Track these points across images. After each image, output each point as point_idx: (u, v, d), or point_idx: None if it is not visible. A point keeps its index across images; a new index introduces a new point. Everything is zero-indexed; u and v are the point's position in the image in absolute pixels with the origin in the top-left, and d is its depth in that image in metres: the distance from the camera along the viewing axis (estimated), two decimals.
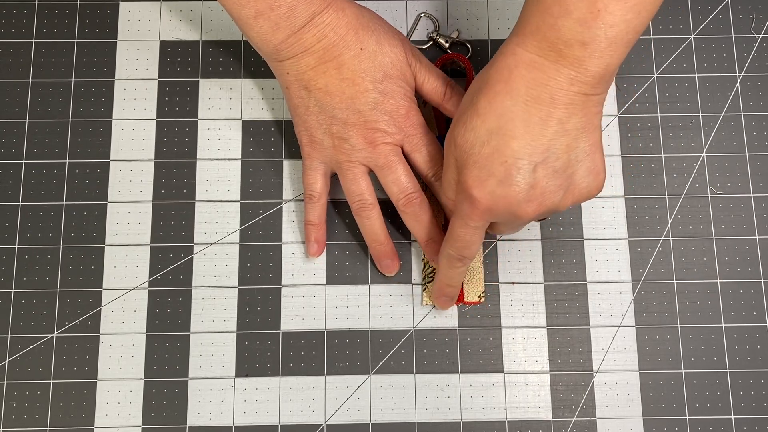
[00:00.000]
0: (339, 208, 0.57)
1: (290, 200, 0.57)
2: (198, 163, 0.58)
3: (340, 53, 0.50)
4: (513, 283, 0.56)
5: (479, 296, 0.55)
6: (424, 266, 0.56)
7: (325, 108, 0.51)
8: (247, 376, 0.54)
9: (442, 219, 0.56)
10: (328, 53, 0.50)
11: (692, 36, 0.60)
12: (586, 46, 0.43)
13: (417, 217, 0.53)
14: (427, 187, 0.55)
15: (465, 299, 0.55)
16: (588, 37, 0.43)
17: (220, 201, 0.57)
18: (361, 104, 0.50)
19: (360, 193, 0.53)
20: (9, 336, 0.55)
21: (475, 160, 0.45)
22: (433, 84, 0.54)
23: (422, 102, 0.58)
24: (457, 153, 0.46)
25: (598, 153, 0.46)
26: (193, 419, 0.54)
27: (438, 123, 0.57)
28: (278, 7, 0.49)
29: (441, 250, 0.51)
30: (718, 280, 0.56)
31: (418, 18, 0.60)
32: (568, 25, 0.43)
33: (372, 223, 0.54)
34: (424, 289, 0.55)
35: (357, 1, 0.54)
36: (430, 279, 0.55)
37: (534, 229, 0.57)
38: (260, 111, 0.59)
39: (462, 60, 0.57)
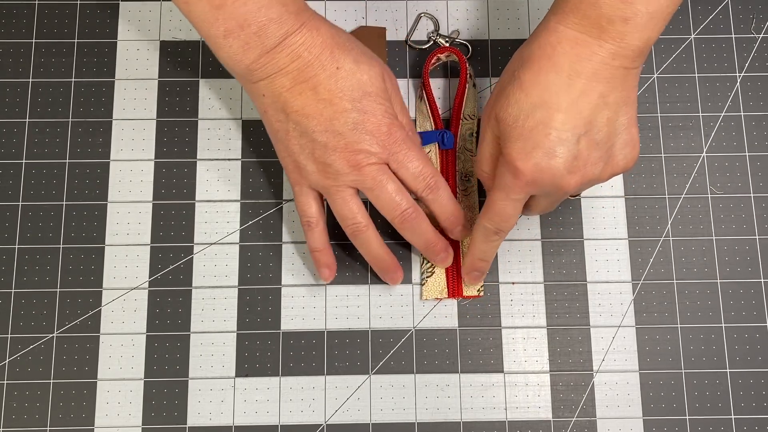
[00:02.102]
0: None
1: (290, 200, 0.57)
2: (198, 163, 0.58)
3: (315, 73, 0.48)
4: (513, 283, 0.56)
5: (478, 290, 0.55)
6: (423, 262, 0.56)
7: (305, 132, 0.49)
8: (247, 376, 0.54)
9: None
10: (303, 74, 0.48)
11: (692, 36, 0.60)
12: (627, 21, 0.44)
13: (414, 231, 0.52)
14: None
15: (464, 293, 0.55)
16: (629, 13, 0.44)
17: (220, 201, 0.57)
18: (341, 125, 0.49)
19: (352, 216, 0.51)
20: (9, 336, 0.55)
21: (520, 133, 0.46)
22: (400, 119, 0.52)
23: (418, 96, 0.58)
24: (500, 127, 0.47)
25: (635, 126, 0.48)
26: (193, 419, 0.54)
27: (435, 119, 0.57)
28: (248, 26, 0.47)
29: (477, 223, 0.51)
30: (718, 280, 0.56)
31: (419, 18, 0.60)
32: (609, 2, 0.44)
33: (369, 244, 0.52)
34: (423, 284, 0.55)
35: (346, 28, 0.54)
36: (429, 274, 0.55)
37: (534, 228, 0.57)
38: None
39: (456, 53, 0.57)
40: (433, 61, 0.58)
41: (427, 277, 0.55)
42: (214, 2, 0.46)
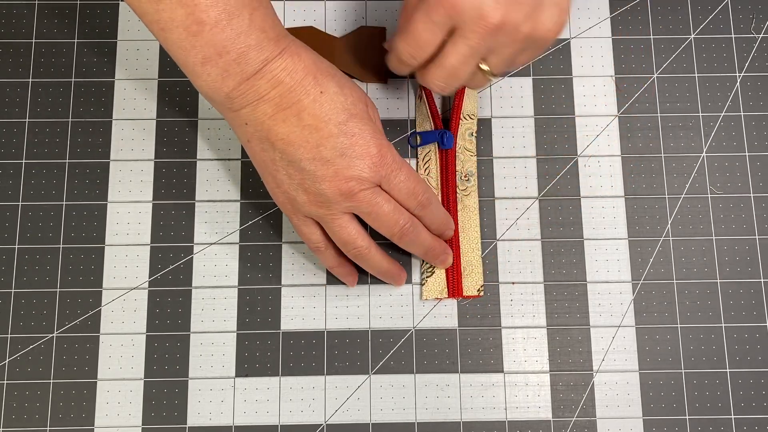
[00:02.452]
0: None
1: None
2: (198, 163, 0.58)
3: (298, 99, 0.47)
4: (513, 283, 0.56)
5: (478, 290, 0.55)
6: (423, 262, 0.56)
7: (292, 161, 0.47)
8: (247, 376, 0.54)
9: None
10: (286, 99, 0.47)
11: (692, 36, 0.60)
12: None
13: (414, 242, 0.51)
14: None
15: (464, 293, 0.55)
16: None
17: (220, 201, 0.57)
18: (329, 152, 0.47)
19: (352, 241, 0.50)
20: (9, 336, 0.55)
21: None
22: None
23: (418, 96, 0.58)
24: None
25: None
26: (193, 419, 0.54)
27: (434, 119, 0.57)
28: (227, 53, 0.45)
29: (393, 45, 0.50)
30: (718, 280, 0.56)
31: None
32: None
33: (374, 263, 0.52)
34: (423, 284, 0.55)
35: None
36: (429, 274, 0.55)
37: (534, 229, 0.57)
38: None
39: None
40: None
41: (427, 277, 0.55)
42: (190, 29, 0.45)
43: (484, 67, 0.49)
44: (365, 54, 0.59)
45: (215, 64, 0.45)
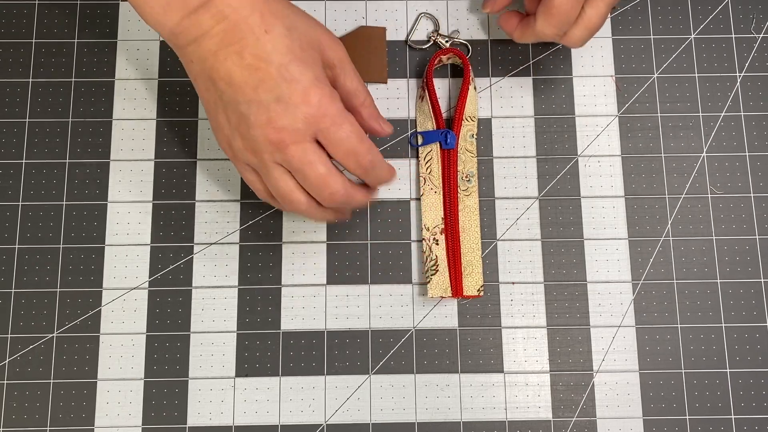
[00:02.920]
0: None
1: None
2: (198, 163, 0.58)
3: (242, 36, 0.44)
4: (513, 283, 0.56)
5: (478, 290, 0.55)
6: (426, 259, 0.56)
7: (230, 102, 0.45)
8: (247, 376, 0.54)
9: (442, 214, 0.56)
10: (229, 36, 0.44)
11: (692, 36, 0.60)
12: None
13: (342, 207, 0.50)
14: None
15: (464, 293, 0.55)
16: None
17: (220, 201, 0.57)
18: (265, 95, 0.44)
19: (287, 194, 0.48)
20: (9, 336, 0.55)
21: None
22: (351, 85, 0.50)
23: (419, 95, 0.58)
24: None
25: None
26: (193, 419, 0.54)
27: (437, 119, 0.57)
28: None
29: (541, 29, 0.52)
30: (718, 280, 0.56)
31: (419, 18, 0.60)
32: None
33: (313, 215, 0.49)
34: (428, 282, 0.55)
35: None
36: (433, 272, 0.55)
37: (534, 228, 0.57)
38: None
39: (459, 55, 0.57)
40: (435, 62, 0.58)
41: (431, 275, 0.55)
42: None
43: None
44: (365, 53, 0.59)
45: None
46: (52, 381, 0.54)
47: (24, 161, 0.57)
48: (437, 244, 0.56)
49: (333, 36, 0.49)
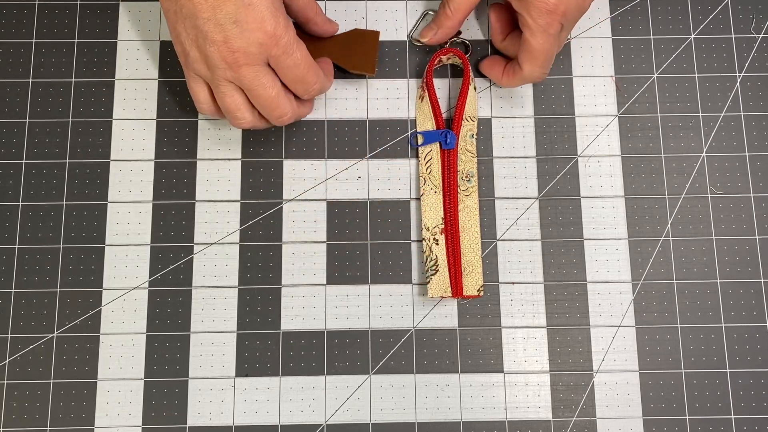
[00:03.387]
0: (339, 208, 0.57)
1: (290, 200, 0.57)
2: (198, 163, 0.58)
3: None
4: (513, 283, 0.56)
5: (478, 290, 0.55)
6: (426, 259, 0.56)
7: (189, 16, 0.48)
8: (247, 376, 0.54)
9: (442, 214, 0.56)
10: None
11: (692, 36, 0.60)
12: None
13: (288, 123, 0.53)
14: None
15: (464, 293, 0.55)
16: None
17: (220, 201, 0.57)
18: (222, 15, 0.47)
19: (235, 109, 0.51)
20: (9, 336, 0.55)
21: None
22: (301, 4, 0.53)
23: (419, 96, 0.58)
24: None
25: None
26: (193, 419, 0.54)
27: (437, 119, 0.57)
28: None
29: (529, 73, 0.54)
30: (718, 280, 0.56)
31: (424, 14, 0.60)
32: None
33: (256, 128, 0.54)
34: (428, 282, 0.55)
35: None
36: (433, 272, 0.55)
37: (534, 228, 0.57)
38: None
39: (459, 55, 0.57)
40: (435, 62, 0.58)
41: (431, 275, 0.55)
42: None
43: None
44: (356, 48, 0.58)
45: None
46: (52, 381, 0.54)
47: (24, 161, 0.57)
48: (437, 244, 0.56)
49: None
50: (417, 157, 0.58)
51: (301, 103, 0.54)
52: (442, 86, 0.59)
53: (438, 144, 0.57)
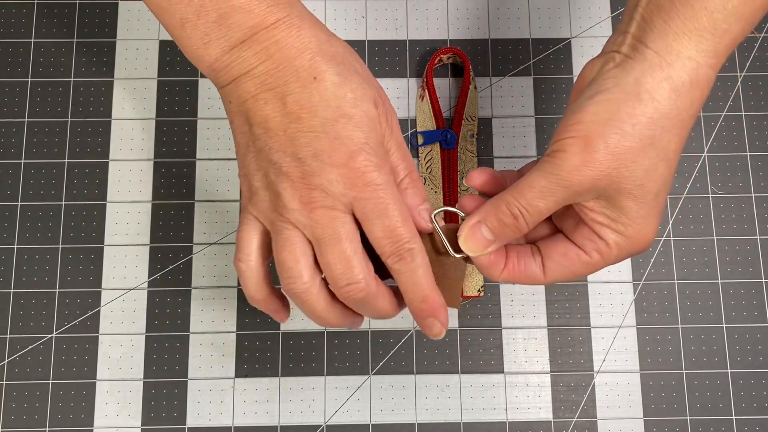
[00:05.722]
0: None
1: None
2: (198, 163, 0.58)
3: (286, 80, 0.39)
4: (513, 283, 0.56)
5: (478, 290, 0.55)
6: None
7: (262, 149, 0.40)
8: (246, 376, 0.54)
9: (442, 214, 0.56)
10: (272, 79, 0.39)
11: None
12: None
13: (363, 308, 0.41)
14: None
15: (464, 293, 0.55)
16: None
17: (220, 201, 0.57)
18: (302, 148, 0.38)
19: (292, 267, 0.40)
20: (8, 336, 0.55)
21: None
22: (394, 159, 0.42)
23: (419, 95, 0.58)
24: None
25: None
26: (192, 420, 0.54)
27: (437, 119, 0.57)
28: (206, 12, 0.39)
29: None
30: (719, 280, 0.56)
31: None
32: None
33: (312, 307, 0.41)
34: None
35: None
36: None
37: None
38: None
39: (459, 54, 0.57)
40: (435, 62, 0.58)
41: None
42: None
43: None
44: (443, 279, 0.43)
45: (194, 27, 0.39)
46: (51, 381, 0.54)
47: (23, 161, 0.57)
48: None
49: (386, 96, 0.43)
50: (417, 156, 0.58)
51: (384, 289, 0.41)
52: (442, 86, 0.59)
53: (438, 144, 0.57)
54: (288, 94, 0.39)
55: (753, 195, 0.57)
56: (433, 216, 0.41)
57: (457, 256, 0.41)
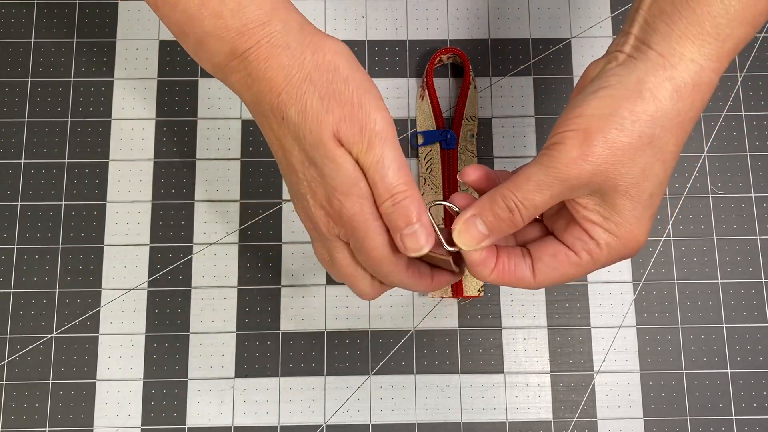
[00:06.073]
0: None
1: (290, 200, 0.57)
2: (198, 163, 0.58)
3: (266, 115, 0.40)
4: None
5: (478, 290, 0.55)
6: None
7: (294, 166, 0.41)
8: (246, 376, 0.54)
9: (442, 214, 0.55)
10: (255, 110, 0.40)
11: None
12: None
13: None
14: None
15: (464, 293, 0.55)
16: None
17: (220, 201, 0.57)
18: (292, 186, 0.41)
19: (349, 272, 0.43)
20: (8, 336, 0.55)
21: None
22: (375, 179, 0.39)
23: (419, 95, 0.58)
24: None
25: None
26: (192, 420, 0.54)
27: (437, 119, 0.57)
28: (185, 37, 0.40)
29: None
30: (719, 280, 0.56)
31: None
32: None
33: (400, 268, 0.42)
34: None
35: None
36: None
37: None
38: None
39: (459, 54, 0.57)
40: (435, 62, 0.58)
41: None
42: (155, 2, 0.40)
43: None
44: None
45: (185, 43, 0.41)
46: (51, 381, 0.54)
47: (23, 161, 0.57)
48: None
49: (363, 98, 0.39)
50: (417, 156, 0.58)
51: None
52: (442, 85, 0.59)
53: (438, 144, 0.57)
54: (271, 129, 0.40)
55: (753, 195, 0.57)
56: (428, 209, 0.41)
57: (451, 249, 0.41)
